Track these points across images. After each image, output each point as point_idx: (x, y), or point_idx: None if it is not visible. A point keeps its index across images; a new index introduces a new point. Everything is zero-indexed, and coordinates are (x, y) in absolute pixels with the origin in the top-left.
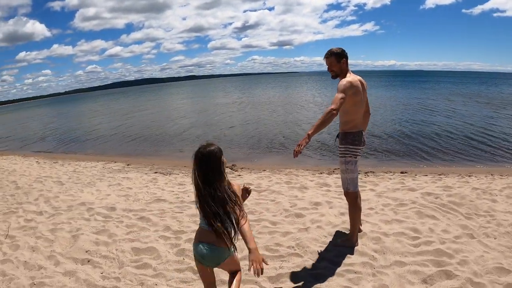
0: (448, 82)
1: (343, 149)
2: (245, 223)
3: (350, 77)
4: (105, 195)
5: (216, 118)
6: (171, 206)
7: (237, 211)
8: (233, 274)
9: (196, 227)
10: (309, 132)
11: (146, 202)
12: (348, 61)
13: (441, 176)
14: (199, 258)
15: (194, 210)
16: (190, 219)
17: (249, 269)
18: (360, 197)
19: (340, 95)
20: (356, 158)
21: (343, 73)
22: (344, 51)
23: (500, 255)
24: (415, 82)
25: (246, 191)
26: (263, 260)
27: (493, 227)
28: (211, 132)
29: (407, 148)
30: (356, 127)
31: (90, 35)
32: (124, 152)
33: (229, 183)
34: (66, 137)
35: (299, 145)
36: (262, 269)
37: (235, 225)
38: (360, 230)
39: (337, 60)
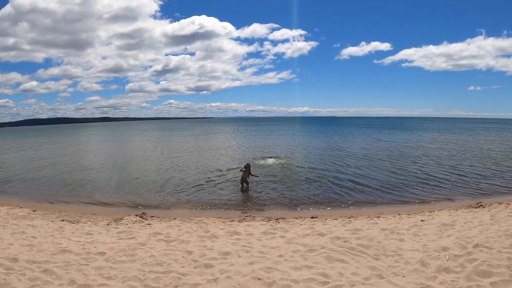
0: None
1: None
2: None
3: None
4: (8, 244)
5: (127, 163)
6: (77, 257)
7: (250, 173)
8: (248, 186)
9: (103, 281)
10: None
11: (51, 253)
12: (263, 107)
13: (350, 219)
14: (245, 176)
15: (101, 262)
16: (97, 272)
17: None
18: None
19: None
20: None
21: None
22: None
23: None
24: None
25: (250, 171)
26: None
27: (401, 265)
28: (121, 177)
29: (316, 193)
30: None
31: (7, 67)
32: (31, 196)
33: (249, 169)
34: None
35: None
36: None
37: (248, 175)
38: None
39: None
